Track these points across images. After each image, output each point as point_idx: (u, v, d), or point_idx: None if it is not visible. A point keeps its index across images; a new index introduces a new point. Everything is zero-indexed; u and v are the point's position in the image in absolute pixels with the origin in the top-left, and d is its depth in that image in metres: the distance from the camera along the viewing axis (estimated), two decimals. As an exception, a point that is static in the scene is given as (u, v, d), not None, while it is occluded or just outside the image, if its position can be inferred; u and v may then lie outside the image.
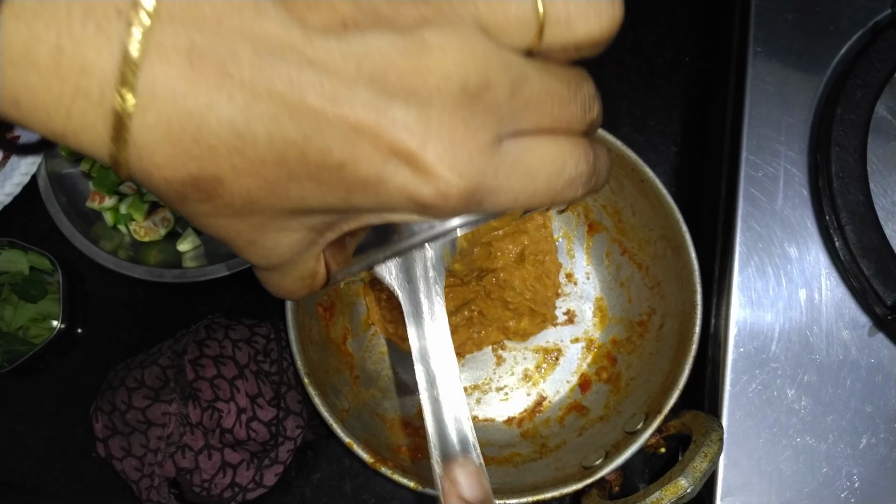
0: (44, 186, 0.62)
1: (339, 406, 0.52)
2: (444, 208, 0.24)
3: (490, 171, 0.24)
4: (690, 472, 0.43)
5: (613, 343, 0.59)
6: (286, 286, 0.30)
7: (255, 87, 0.21)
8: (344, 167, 0.23)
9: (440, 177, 0.23)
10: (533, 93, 0.25)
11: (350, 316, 0.59)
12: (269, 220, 0.25)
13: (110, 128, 0.21)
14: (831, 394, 0.50)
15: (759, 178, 0.52)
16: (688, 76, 0.65)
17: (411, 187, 0.23)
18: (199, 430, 0.53)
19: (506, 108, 0.24)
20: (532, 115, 0.25)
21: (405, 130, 0.22)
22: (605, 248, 0.60)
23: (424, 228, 0.27)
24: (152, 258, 0.61)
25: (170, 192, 0.23)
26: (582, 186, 0.27)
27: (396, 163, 0.23)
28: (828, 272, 0.51)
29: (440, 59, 0.22)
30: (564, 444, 0.55)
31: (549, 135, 0.26)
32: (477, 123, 0.23)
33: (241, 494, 0.54)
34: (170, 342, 0.57)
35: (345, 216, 0.26)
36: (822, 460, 0.49)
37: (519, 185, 0.25)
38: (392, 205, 0.24)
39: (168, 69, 0.21)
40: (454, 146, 0.23)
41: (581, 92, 0.26)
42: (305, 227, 0.26)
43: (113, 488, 0.59)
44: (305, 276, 0.29)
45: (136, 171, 0.22)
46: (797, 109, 0.53)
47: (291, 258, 0.28)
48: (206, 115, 0.21)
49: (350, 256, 0.29)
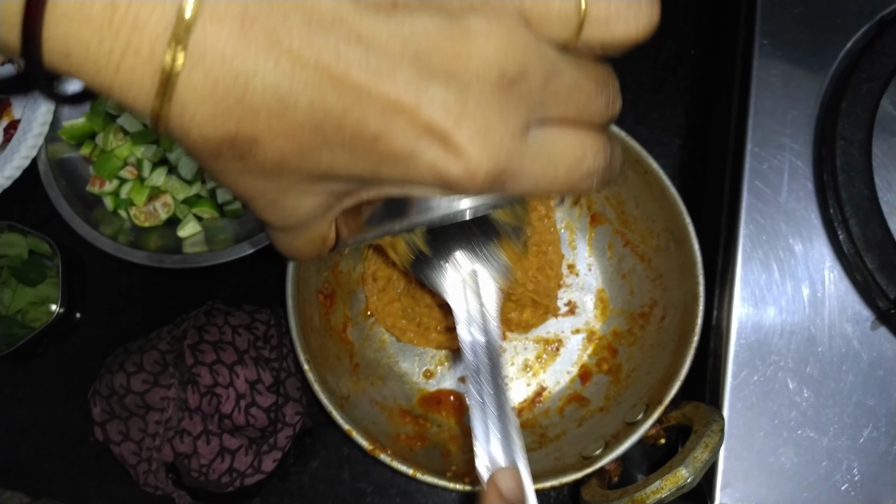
0: (44, 170, 0.61)
1: (338, 393, 0.52)
2: (470, 187, 0.25)
3: (517, 156, 0.25)
4: (691, 463, 0.43)
5: (614, 334, 0.59)
6: (297, 247, 0.31)
7: (302, 56, 0.22)
8: (378, 139, 0.24)
9: (470, 157, 0.24)
10: (564, 85, 0.26)
11: (350, 304, 0.59)
12: (295, 183, 0.26)
13: (157, 84, 0.22)
14: (833, 387, 0.49)
15: (763, 171, 0.52)
16: (692, 69, 0.65)
17: (441, 164, 0.24)
18: (197, 415, 0.53)
19: (538, 97, 0.25)
20: (560, 106, 0.26)
21: (442, 110, 0.23)
22: (608, 240, 0.60)
23: (442, 205, 0.28)
24: (152, 243, 0.61)
25: (205, 148, 0.24)
26: (597, 178, 0.28)
27: (429, 140, 0.24)
28: (831, 266, 0.51)
29: (483, 46, 0.23)
30: (564, 435, 0.55)
31: (573, 126, 0.27)
32: (510, 110, 0.24)
33: (239, 480, 0.53)
34: (169, 327, 0.57)
35: (366, 185, 0.27)
36: (822, 453, 0.49)
37: (540, 172, 0.26)
38: (418, 179, 0.25)
39: (220, 31, 0.21)
40: (487, 129, 0.24)
41: (607, 88, 0.28)
42: (326, 192, 0.27)
43: (110, 473, 0.58)
44: (317, 238, 0.30)
45: (174, 126, 0.23)
46: (802, 103, 0.53)
47: (308, 221, 0.28)
48: (252, 78, 0.22)
49: (362, 224, 0.30)
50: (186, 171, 0.60)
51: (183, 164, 0.60)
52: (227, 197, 0.61)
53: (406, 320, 0.59)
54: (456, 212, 0.28)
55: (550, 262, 0.59)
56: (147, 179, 0.61)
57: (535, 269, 0.59)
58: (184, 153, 0.61)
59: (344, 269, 0.58)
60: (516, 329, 0.60)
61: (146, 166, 0.61)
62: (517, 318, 0.59)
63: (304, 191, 0.26)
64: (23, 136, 0.62)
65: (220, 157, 0.24)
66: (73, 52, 0.22)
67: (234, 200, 0.61)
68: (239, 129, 0.23)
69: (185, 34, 0.21)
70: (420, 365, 0.60)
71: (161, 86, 0.22)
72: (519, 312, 0.59)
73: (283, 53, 0.22)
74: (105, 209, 0.63)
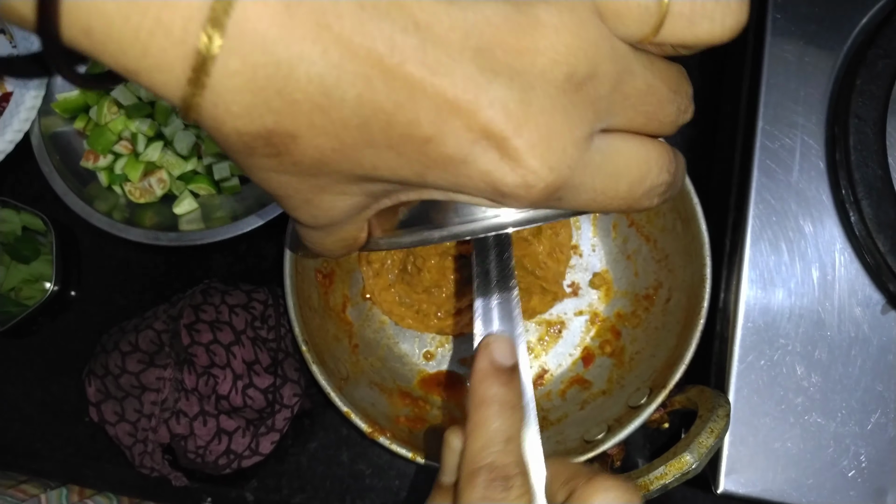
0: (37, 145, 0.60)
1: (337, 374, 0.51)
2: (525, 199, 0.23)
3: (578, 168, 0.23)
4: (696, 448, 0.42)
5: (618, 316, 0.57)
6: (327, 245, 0.29)
7: (352, 45, 0.20)
8: (430, 142, 0.21)
9: (529, 166, 0.22)
10: (635, 89, 0.24)
11: (350, 284, 0.58)
12: (333, 184, 0.24)
13: (189, 69, 0.20)
14: (841, 372, 0.49)
15: (774, 150, 0.50)
16: (701, 45, 0.63)
17: (496, 173, 0.22)
18: (194, 395, 0.52)
19: (606, 102, 0.23)
20: (629, 112, 0.24)
21: (503, 112, 0.21)
22: (612, 220, 0.58)
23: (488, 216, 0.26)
24: (148, 220, 0.59)
25: (238, 143, 0.22)
26: (659, 196, 0.26)
27: (486, 145, 0.22)
28: (842, 247, 0.50)
29: (552, 41, 0.21)
30: (566, 418, 0.54)
31: (640, 136, 0.25)
32: (577, 115, 0.22)
33: (237, 461, 0.53)
34: (165, 306, 0.56)
35: (408, 189, 0.25)
36: (829, 439, 0.48)
37: (601, 187, 0.24)
38: (468, 187, 0.23)
39: (262, 12, 0.19)
40: (550, 136, 0.22)
41: (680, 93, 0.25)
42: (364, 193, 0.25)
43: (106, 453, 0.58)
44: (349, 238, 0.28)
45: (206, 117, 0.21)
46: (816, 79, 0.51)
47: (341, 221, 0.26)
48: (296, 68, 0.20)
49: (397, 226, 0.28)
50: (182, 147, 0.59)
51: (179, 139, 0.59)
52: (224, 174, 0.60)
53: (404, 307, 0.58)
54: (502, 224, 0.26)
55: (561, 246, 0.58)
56: (142, 154, 0.59)
57: (546, 254, 0.58)
58: (180, 128, 0.59)
59: (343, 247, 0.57)
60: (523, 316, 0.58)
61: (141, 141, 0.59)
62: (524, 306, 0.58)
63: (342, 191, 0.24)
64: (15, 109, 0.60)
65: (254, 153, 0.22)
66: (96, 29, 0.19)
67: (232, 177, 0.60)
68: (277, 123, 0.21)
69: (223, 14, 0.19)
70: (420, 346, 0.59)
71: (194, 71, 0.20)
72: (526, 300, 0.58)
73: (332, 41, 0.20)
74: (99, 185, 0.61)
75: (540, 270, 0.58)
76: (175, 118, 0.59)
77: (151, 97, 0.59)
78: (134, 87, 0.59)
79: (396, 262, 0.58)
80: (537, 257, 0.58)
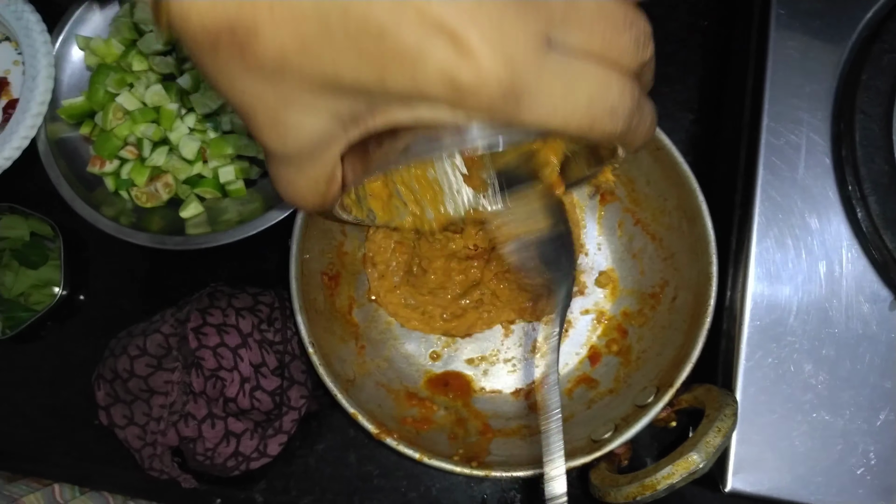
0: (44, 151, 0.60)
1: (343, 376, 0.51)
2: (481, 95, 0.23)
3: (533, 68, 0.23)
4: (703, 448, 0.42)
5: (624, 315, 0.57)
6: (299, 187, 0.29)
7: None
8: (384, 35, 0.22)
9: (482, 58, 0.22)
10: (588, 8, 0.24)
11: (355, 286, 0.58)
12: (297, 94, 0.24)
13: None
14: (849, 369, 0.48)
15: (780, 147, 0.50)
16: (704, 41, 0.63)
17: (450, 66, 0.22)
18: (202, 398, 0.52)
19: (559, 13, 0.24)
20: (584, 32, 0.24)
21: (455, 5, 0.22)
22: (618, 219, 0.58)
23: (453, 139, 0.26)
24: (154, 225, 0.60)
25: (205, 39, 0.23)
26: (622, 120, 0.26)
27: (439, 39, 0.22)
28: (849, 244, 0.49)
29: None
30: (573, 417, 0.54)
31: (599, 61, 0.25)
32: (529, 14, 0.23)
33: (245, 464, 0.53)
34: (172, 310, 0.56)
35: (373, 109, 0.25)
36: (837, 437, 0.48)
37: (560, 95, 0.24)
38: (427, 89, 0.23)
39: None
40: (503, 30, 0.22)
41: (636, 25, 0.26)
42: (331, 114, 0.25)
43: (114, 457, 0.58)
44: (321, 178, 0.29)
45: (174, 13, 0.22)
46: (821, 75, 0.51)
47: (311, 150, 0.27)
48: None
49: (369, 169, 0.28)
50: (188, 151, 0.59)
51: (184, 144, 0.59)
52: (229, 177, 0.60)
53: (409, 308, 0.58)
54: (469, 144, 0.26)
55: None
56: (148, 159, 0.60)
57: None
58: (185, 133, 0.60)
59: (349, 249, 0.57)
60: (530, 318, 0.58)
61: (146, 146, 0.60)
62: (532, 307, 0.58)
63: (308, 106, 0.25)
64: (21, 115, 0.61)
65: (219, 50, 0.23)
66: None
67: (237, 181, 0.60)
68: (239, 13, 0.22)
69: None
70: (427, 346, 0.59)
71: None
72: (534, 301, 0.58)
73: None
74: (106, 190, 0.62)
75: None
76: (180, 123, 0.60)
77: (156, 102, 0.59)
78: (139, 93, 0.60)
79: (402, 264, 0.58)
80: None
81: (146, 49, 0.60)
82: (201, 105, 0.59)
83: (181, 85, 0.59)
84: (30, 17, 0.63)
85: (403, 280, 0.58)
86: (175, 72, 0.60)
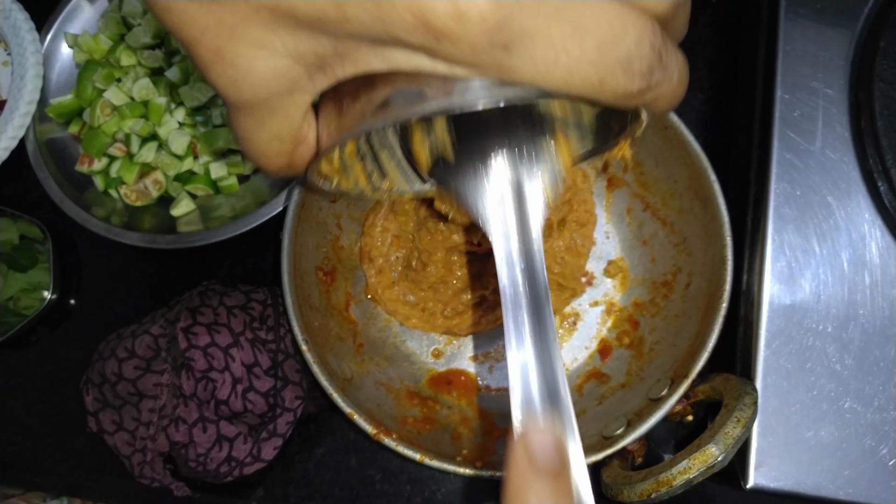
0: (33, 151, 0.59)
1: (340, 375, 0.49)
2: (460, 40, 0.19)
3: (528, 3, 0.18)
4: (722, 439, 0.39)
5: (635, 306, 0.54)
6: (258, 142, 0.25)
7: None
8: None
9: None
10: None
11: (353, 282, 0.56)
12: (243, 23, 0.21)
13: None
14: (877, 354, 0.45)
15: (795, 120, 0.47)
16: (714, 18, 0.60)
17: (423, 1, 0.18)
18: (192, 401, 0.50)
19: None
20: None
21: None
22: (627, 205, 0.55)
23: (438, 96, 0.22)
24: (146, 224, 0.58)
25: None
26: (640, 76, 0.21)
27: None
28: (872, 221, 0.46)
29: None
30: (584, 414, 0.51)
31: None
32: None
33: (238, 469, 0.50)
34: (163, 310, 0.54)
35: (340, 53, 0.21)
36: (866, 427, 0.45)
37: (561, 38, 0.19)
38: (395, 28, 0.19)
39: None
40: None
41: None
42: (290, 54, 0.21)
43: (109, 464, 0.56)
44: (285, 135, 0.25)
45: None
46: (836, 43, 0.48)
47: (268, 98, 0.23)
48: None
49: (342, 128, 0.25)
50: (177, 147, 0.57)
51: (173, 139, 0.57)
52: (221, 173, 0.58)
53: (408, 306, 0.56)
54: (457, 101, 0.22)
55: (584, 238, 0.55)
56: (136, 156, 0.58)
57: (564, 249, 0.55)
58: (174, 128, 0.58)
59: (345, 243, 0.55)
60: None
61: (135, 142, 0.58)
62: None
63: (258, 42, 0.21)
64: (9, 115, 0.59)
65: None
66: None
67: (229, 176, 0.58)
68: None
69: None
70: (429, 344, 0.56)
71: None
72: None
73: None
74: (96, 190, 0.60)
75: (557, 266, 0.55)
76: (169, 117, 0.58)
77: (144, 96, 0.57)
78: (127, 87, 0.58)
79: (400, 259, 0.56)
80: (555, 252, 0.55)
81: (134, 43, 0.58)
82: (190, 98, 0.57)
83: (170, 78, 0.57)
84: (18, 15, 0.61)
85: (402, 275, 0.55)
86: (164, 65, 0.59)
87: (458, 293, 0.55)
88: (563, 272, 0.55)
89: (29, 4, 0.61)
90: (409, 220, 0.55)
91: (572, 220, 0.55)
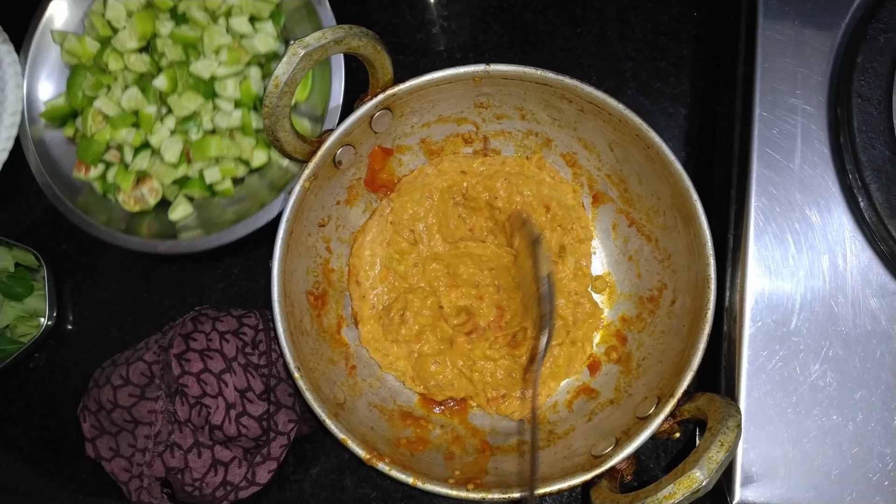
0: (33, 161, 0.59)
1: (333, 399, 0.49)
2: None
3: None
4: (706, 464, 0.39)
5: (623, 320, 0.55)
6: None
7: None
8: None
9: None
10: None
11: (344, 304, 0.56)
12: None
13: None
14: (859, 368, 0.46)
15: (774, 137, 0.48)
16: (697, 33, 0.61)
17: None
18: (187, 427, 0.51)
19: None
20: None
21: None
22: (612, 220, 0.56)
23: None
24: (145, 229, 0.58)
25: None
26: None
27: None
28: (852, 236, 0.47)
29: None
30: (573, 431, 0.51)
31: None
32: None
33: (234, 493, 0.51)
34: (156, 336, 0.55)
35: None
36: (851, 440, 0.45)
37: None
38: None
39: None
40: None
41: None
42: None
43: (108, 489, 0.57)
44: None
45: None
46: (814, 60, 0.48)
47: None
48: None
49: None
50: (170, 154, 0.58)
51: (166, 147, 0.57)
52: (215, 177, 0.58)
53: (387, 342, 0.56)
54: None
55: (584, 255, 0.56)
56: (131, 164, 0.58)
57: (571, 276, 0.55)
58: (166, 136, 0.58)
59: (335, 267, 0.56)
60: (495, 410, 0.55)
61: (128, 151, 0.58)
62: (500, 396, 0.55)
63: None
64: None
65: None
66: None
67: (224, 180, 0.59)
68: None
69: None
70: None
71: None
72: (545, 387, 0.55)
73: None
74: (91, 196, 0.60)
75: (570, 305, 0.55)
76: (160, 125, 0.58)
77: (134, 106, 0.58)
78: (116, 96, 0.58)
79: (382, 298, 0.56)
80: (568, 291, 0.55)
81: (121, 47, 0.58)
82: (179, 107, 0.57)
83: (158, 87, 0.58)
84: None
85: (380, 314, 0.56)
86: (152, 70, 0.59)
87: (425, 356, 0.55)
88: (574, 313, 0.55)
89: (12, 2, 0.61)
90: (402, 260, 0.56)
91: (572, 240, 0.56)
